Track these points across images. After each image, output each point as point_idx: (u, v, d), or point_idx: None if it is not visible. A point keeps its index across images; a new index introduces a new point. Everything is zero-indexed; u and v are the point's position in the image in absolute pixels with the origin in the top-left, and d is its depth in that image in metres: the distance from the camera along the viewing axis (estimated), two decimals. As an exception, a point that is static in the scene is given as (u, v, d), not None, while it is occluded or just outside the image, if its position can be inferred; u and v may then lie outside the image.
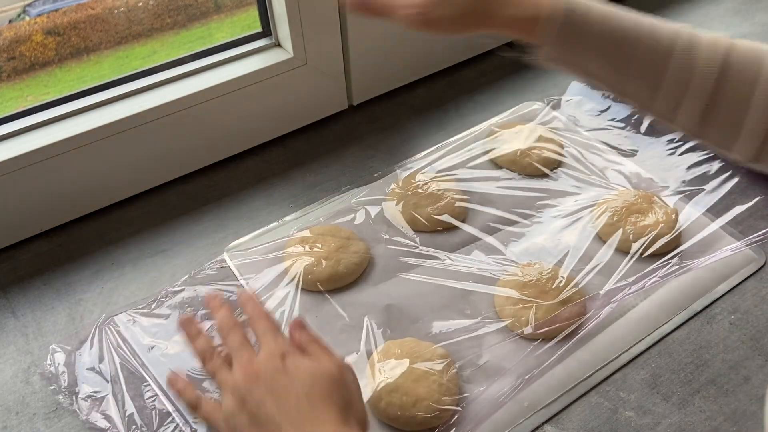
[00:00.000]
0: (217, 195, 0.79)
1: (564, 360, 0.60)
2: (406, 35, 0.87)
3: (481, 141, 0.82)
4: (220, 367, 0.51)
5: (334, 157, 0.83)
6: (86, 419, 0.58)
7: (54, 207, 0.74)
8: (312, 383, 0.47)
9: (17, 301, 0.69)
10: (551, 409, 0.57)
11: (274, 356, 0.49)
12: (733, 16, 1.03)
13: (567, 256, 0.68)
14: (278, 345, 0.50)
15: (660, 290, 0.65)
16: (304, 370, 0.48)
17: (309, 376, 0.47)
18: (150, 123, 0.74)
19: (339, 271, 0.66)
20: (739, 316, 0.64)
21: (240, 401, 0.47)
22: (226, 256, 0.70)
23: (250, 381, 0.48)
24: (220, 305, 0.55)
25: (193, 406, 0.53)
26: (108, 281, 0.70)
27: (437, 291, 0.66)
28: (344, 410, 0.46)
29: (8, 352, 0.64)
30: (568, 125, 0.84)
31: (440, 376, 0.57)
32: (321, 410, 0.45)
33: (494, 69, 0.96)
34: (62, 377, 0.61)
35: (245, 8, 0.85)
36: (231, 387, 0.48)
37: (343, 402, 0.47)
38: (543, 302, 0.62)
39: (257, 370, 0.48)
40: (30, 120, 0.71)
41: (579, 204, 0.73)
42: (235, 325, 0.53)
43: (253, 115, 0.82)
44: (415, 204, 0.73)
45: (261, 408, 0.46)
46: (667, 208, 0.71)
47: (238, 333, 0.52)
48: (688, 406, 0.57)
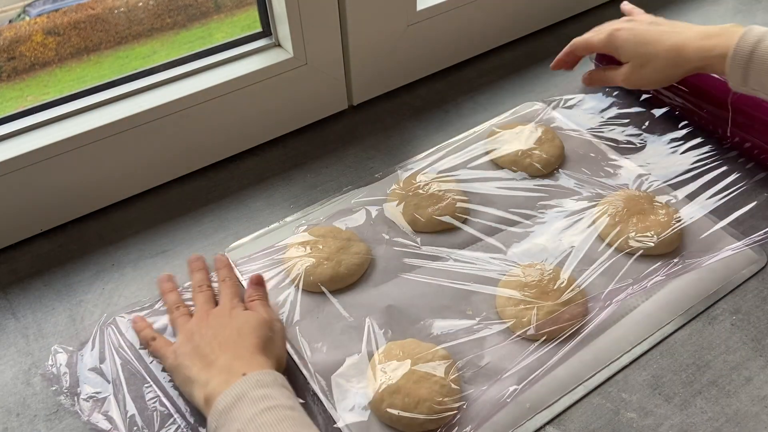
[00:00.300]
0: (218, 195, 0.79)
1: (565, 361, 0.60)
2: (406, 35, 0.87)
3: (481, 141, 0.82)
4: (181, 316, 0.63)
5: (335, 158, 0.83)
6: (88, 420, 0.57)
7: (54, 207, 0.74)
8: (244, 323, 0.59)
9: (18, 302, 0.68)
10: (553, 410, 0.57)
11: (224, 308, 0.62)
12: (734, 16, 1.03)
13: (568, 257, 0.68)
14: (231, 303, 0.62)
15: (661, 291, 0.65)
16: (243, 315, 0.60)
17: (244, 319, 0.60)
18: (150, 123, 0.74)
19: (340, 272, 0.66)
20: (741, 317, 0.64)
21: (189, 336, 0.59)
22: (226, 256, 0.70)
23: (201, 322, 0.60)
24: (199, 268, 0.67)
25: (147, 340, 0.62)
26: (109, 282, 0.70)
27: (438, 292, 0.66)
28: (265, 345, 0.58)
29: (9, 354, 0.64)
30: (568, 125, 0.84)
31: (442, 377, 0.57)
32: (245, 341, 0.57)
33: (494, 69, 0.96)
34: (64, 378, 0.60)
35: (245, 8, 0.85)
36: (186, 327, 0.61)
37: (265, 339, 0.58)
38: (544, 303, 0.62)
39: (209, 315, 0.61)
40: (30, 120, 0.71)
41: (580, 204, 0.73)
42: (206, 286, 0.65)
43: (253, 115, 0.81)
44: (416, 205, 0.73)
45: (203, 340, 0.58)
46: (668, 209, 0.71)
47: (206, 293, 0.64)
48: (690, 407, 0.57)
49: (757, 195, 0.74)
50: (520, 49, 1.00)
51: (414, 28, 0.87)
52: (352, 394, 0.58)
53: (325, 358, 0.61)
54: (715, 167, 0.77)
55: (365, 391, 0.58)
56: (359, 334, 0.62)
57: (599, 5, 1.07)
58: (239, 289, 0.65)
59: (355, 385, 0.58)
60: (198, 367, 0.56)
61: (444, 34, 0.91)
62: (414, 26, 0.87)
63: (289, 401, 0.52)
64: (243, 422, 0.49)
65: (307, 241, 0.69)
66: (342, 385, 0.59)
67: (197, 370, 0.56)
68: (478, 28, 0.95)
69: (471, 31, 0.94)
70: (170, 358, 0.59)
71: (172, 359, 0.58)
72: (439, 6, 0.87)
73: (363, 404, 0.57)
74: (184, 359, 0.57)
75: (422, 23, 0.87)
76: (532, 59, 0.98)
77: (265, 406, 0.50)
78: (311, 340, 0.62)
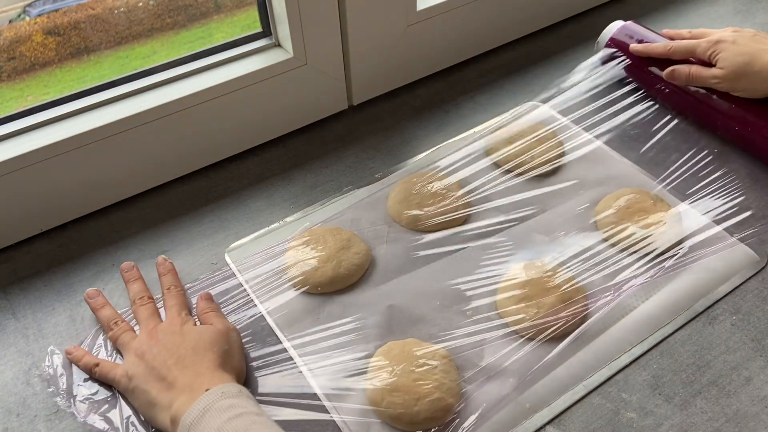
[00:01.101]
0: (218, 195, 0.79)
1: (566, 361, 0.60)
2: (406, 35, 0.87)
3: (481, 141, 0.82)
4: (123, 332, 0.61)
5: (335, 158, 0.83)
6: (84, 421, 0.57)
7: (54, 207, 0.74)
8: (198, 338, 0.58)
9: (18, 302, 0.68)
10: (553, 410, 0.57)
11: (174, 323, 0.60)
12: (734, 16, 1.03)
13: (568, 255, 0.68)
14: (180, 317, 0.61)
15: (661, 291, 0.65)
16: (195, 331, 0.59)
17: (197, 334, 0.58)
18: (150, 123, 0.74)
19: (340, 272, 0.66)
20: (741, 317, 0.64)
21: (140, 356, 0.57)
22: (227, 257, 0.70)
23: (151, 340, 0.58)
24: (135, 278, 0.66)
25: (90, 368, 0.60)
26: (109, 282, 0.70)
27: (439, 291, 0.66)
28: (223, 359, 0.56)
29: (9, 354, 0.64)
30: (568, 125, 0.84)
31: (442, 376, 0.57)
32: (203, 358, 0.56)
33: (494, 69, 0.96)
34: (60, 379, 0.60)
35: (245, 8, 0.85)
36: (134, 347, 0.59)
37: (222, 352, 0.57)
38: (544, 301, 0.62)
39: (158, 332, 0.59)
40: (30, 120, 0.71)
41: (580, 203, 0.74)
42: (147, 297, 0.64)
43: (253, 115, 0.81)
44: (416, 204, 0.73)
45: (157, 359, 0.56)
46: (668, 207, 0.71)
47: (149, 306, 0.63)
48: (690, 408, 0.57)
49: (757, 195, 0.74)
50: (520, 49, 1.00)
51: (414, 28, 0.87)
52: (353, 392, 0.58)
53: (325, 358, 0.61)
54: (715, 167, 0.77)
55: (365, 389, 0.58)
56: (359, 334, 0.62)
57: (599, 5, 1.08)
58: (186, 299, 0.64)
59: (356, 384, 0.58)
60: (156, 389, 0.54)
61: (444, 34, 0.91)
62: (414, 26, 0.87)
63: (256, 408, 0.51)
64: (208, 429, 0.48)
65: (307, 241, 0.69)
66: (342, 383, 0.59)
67: (156, 393, 0.54)
68: (478, 28, 0.95)
69: (471, 31, 0.94)
70: (122, 381, 0.57)
71: (125, 383, 0.57)
72: (439, 6, 0.87)
73: (363, 403, 0.57)
74: (139, 382, 0.55)
75: (422, 23, 0.87)
76: (532, 59, 0.98)
77: (232, 414, 0.49)
78: (312, 340, 0.62)
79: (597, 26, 0.91)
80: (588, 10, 1.07)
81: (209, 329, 0.59)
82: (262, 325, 0.64)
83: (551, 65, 0.96)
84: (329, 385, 0.59)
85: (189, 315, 0.62)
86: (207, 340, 0.57)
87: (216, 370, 0.55)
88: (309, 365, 0.60)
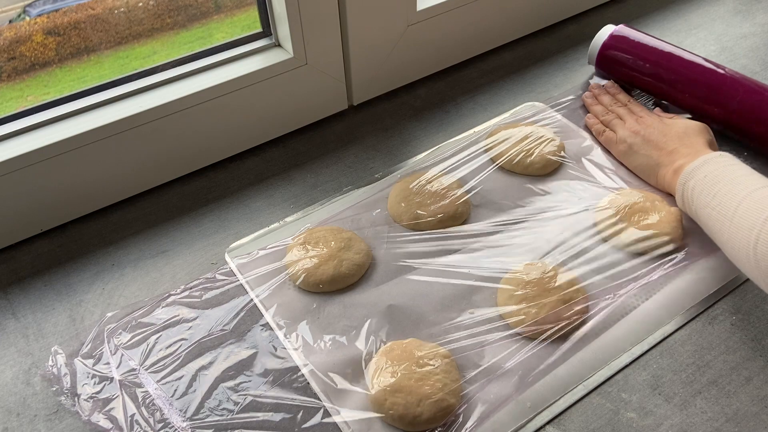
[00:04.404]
0: (218, 195, 0.79)
1: (566, 360, 0.60)
2: (406, 35, 0.87)
3: (481, 141, 0.82)
4: (613, 119, 0.80)
5: (335, 158, 0.83)
6: (88, 420, 0.57)
7: (54, 207, 0.74)
8: (686, 127, 0.73)
9: (18, 302, 0.68)
10: (553, 410, 0.57)
11: (654, 117, 0.77)
12: (734, 16, 1.03)
13: (569, 256, 0.68)
14: (655, 114, 0.78)
15: (661, 291, 0.65)
16: (681, 121, 0.75)
17: (683, 123, 0.74)
18: (150, 123, 0.74)
19: (341, 272, 0.66)
20: (741, 317, 0.64)
21: (635, 132, 0.75)
22: (227, 257, 0.70)
23: (639, 124, 0.76)
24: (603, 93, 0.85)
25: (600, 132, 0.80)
26: (109, 282, 0.70)
27: (439, 291, 0.66)
28: (711, 145, 0.72)
29: (9, 354, 0.64)
30: (568, 125, 0.84)
31: (443, 376, 0.57)
32: (695, 139, 0.71)
33: (494, 69, 0.96)
34: (64, 379, 0.60)
35: (245, 8, 0.85)
36: (627, 125, 0.77)
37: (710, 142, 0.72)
38: (545, 301, 0.62)
39: (644, 119, 0.77)
40: (30, 120, 0.71)
41: (581, 203, 0.74)
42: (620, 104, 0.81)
43: (253, 115, 0.81)
44: (416, 204, 0.73)
45: (652, 135, 0.74)
46: (668, 207, 0.71)
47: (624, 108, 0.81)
48: (690, 408, 0.57)
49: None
50: (520, 49, 1.00)
51: (414, 28, 0.87)
52: (354, 393, 0.58)
53: (326, 358, 0.61)
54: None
55: (367, 390, 0.58)
56: (360, 334, 0.62)
57: (599, 5, 1.08)
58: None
59: (357, 384, 0.59)
60: (657, 154, 0.72)
61: (444, 34, 0.91)
62: (414, 26, 0.87)
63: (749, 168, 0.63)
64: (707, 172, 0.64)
65: (307, 241, 0.69)
66: (344, 384, 0.59)
67: (657, 156, 0.72)
68: (478, 28, 0.95)
69: (471, 31, 0.94)
70: (621, 146, 0.76)
71: (624, 147, 0.76)
72: (439, 6, 0.88)
73: (365, 403, 0.57)
74: (638, 148, 0.74)
75: (422, 23, 0.87)
76: (532, 59, 0.98)
77: (728, 163, 0.64)
78: (312, 339, 0.62)
79: (597, 26, 0.91)
80: (588, 11, 1.07)
81: (692, 122, 0.74)
82: (263, 325, 0.64)
83: (551, 65, 0.96)
84: (330, 385, 0.59)
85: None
86: (694, 129, 0.72)
87: (709, 148, 0.70)
88: (309, 365, 0.60)
